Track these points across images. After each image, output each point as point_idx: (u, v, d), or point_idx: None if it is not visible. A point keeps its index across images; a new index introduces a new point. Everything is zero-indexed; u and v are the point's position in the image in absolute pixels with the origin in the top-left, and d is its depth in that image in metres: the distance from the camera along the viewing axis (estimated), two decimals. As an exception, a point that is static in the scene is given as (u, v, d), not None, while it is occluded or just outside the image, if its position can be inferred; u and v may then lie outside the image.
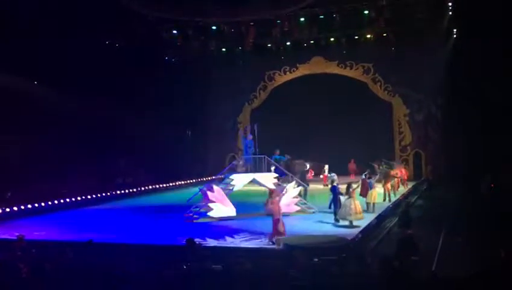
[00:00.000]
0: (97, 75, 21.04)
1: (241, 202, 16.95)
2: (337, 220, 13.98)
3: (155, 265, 8.61)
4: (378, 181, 18.11)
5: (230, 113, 31.22)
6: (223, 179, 17.15)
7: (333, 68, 29.50)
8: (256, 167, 16.63)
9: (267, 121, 29.98)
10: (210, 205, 15.28)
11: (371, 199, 16.00)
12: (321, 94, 27.97)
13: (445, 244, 11.00)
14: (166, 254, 10.46)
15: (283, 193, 13.04)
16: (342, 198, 14.13)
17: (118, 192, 22.77)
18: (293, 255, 9.12)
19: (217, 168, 20.57)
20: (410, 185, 23.27)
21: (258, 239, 12.01)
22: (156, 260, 9.34)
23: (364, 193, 16.22)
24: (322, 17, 24.49)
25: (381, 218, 14.61)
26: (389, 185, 18.68)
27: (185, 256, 8.96)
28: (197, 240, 10.34)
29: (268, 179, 16.52)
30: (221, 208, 15.31)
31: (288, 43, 27.90)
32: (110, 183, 23.28)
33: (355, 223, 13.32)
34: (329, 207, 15.45)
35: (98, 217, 17.23)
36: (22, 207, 17.91)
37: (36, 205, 18.50)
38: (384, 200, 18.12)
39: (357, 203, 13.64)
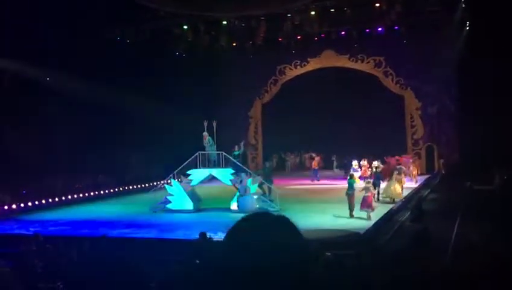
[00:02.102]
0: (108, 69, 21.16)
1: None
2: (378, 199, 16.66)
3: (168, 259, 8.67)
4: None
5: (241, 108, 31.20)
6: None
7: (344, 62, 29.35)
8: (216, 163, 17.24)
9: (277, 115, 30.16)
10: (168, 197, 16.58)
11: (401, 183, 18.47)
12: (332, 88, 27.86)
13: (459, 237, 10.94)
14: (178, 248, 10.53)
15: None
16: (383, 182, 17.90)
17: (131, 187, 22.96)
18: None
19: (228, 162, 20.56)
20: (421, 179, 23.18)
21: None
22: (170, 254, 9.41)
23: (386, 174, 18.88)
24: (332, 10, 24.31)
25: (393, 212, 14.59)
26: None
27: (197, 250, 9.01)
28: (209, 234, 10.40)
29: (225, 175, 16.80)
30: (178, 201, 16.34)
31: (298, 37, 27.77)
32: (121, 178, 23.41)
33: (396, 200, 16.78)
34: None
35: (109, 212, 17.40)
36: (37, 202, 18.14)
37: (50, 200, 18.73)
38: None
39: (397, 185, 17.34)
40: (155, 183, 20.26)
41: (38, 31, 18.72)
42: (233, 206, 15.98)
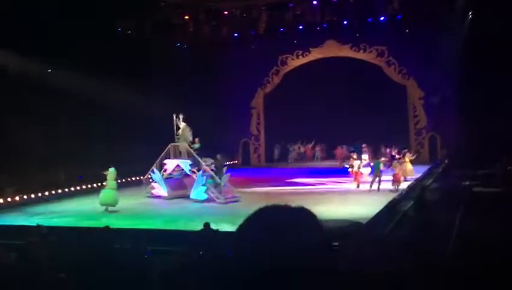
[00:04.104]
0: (110, 61, 21.13)
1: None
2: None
3: (171, 250, 8.71)
4: None
5: (243, 99, 31.12)
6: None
7: (346, 51, 29.18)
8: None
9: (280, 105, 30.11)
10: (153, 184, 19.04)
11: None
12: (334, 78, 27.77)
13: (461, 227, 10.95)
14: (181, 238, 10.57)
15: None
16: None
17: (134, 179, 22.99)
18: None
19: (230, 153, 20.67)
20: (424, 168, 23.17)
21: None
22: (173, 245, 9.45)
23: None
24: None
25: (395, 202, 14.59)
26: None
27: (201, 241, 9.05)
28: (213, 226, 10.42)
29: (186, 166, 18.57)
30: (159, 187, 18.47)
31: (300, 27, 27.63)
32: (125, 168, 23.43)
33: (408, 177, 19.86)
34: None
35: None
36: (40, 194, 18.21)
37: (53, 191, 18.80)
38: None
39: (407, 168, 20.40)
40: (143, 176, 20.56)
41: (40, 24, 18.69)
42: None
